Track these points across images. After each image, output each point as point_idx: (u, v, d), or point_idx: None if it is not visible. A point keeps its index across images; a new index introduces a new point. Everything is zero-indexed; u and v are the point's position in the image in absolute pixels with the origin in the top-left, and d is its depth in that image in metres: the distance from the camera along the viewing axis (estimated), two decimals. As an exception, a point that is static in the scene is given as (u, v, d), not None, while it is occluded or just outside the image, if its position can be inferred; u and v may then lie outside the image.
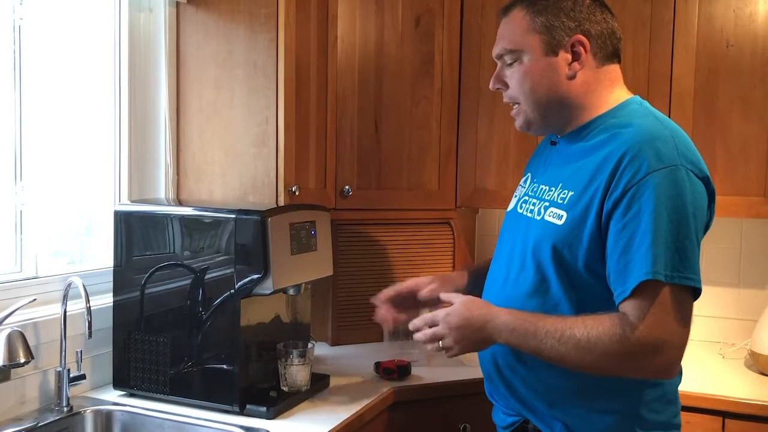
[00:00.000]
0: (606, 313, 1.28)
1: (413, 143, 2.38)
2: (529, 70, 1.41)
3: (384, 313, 1.67)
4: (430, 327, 1.45)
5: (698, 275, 1.26)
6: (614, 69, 1.43)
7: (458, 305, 1.43)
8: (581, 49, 1.38)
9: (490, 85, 1.50)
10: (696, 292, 1.27)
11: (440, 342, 1.44)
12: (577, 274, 1.34)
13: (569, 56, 1.39)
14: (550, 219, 1.38)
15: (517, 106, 1.47)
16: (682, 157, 1.27)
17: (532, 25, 1.40)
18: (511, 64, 1.44)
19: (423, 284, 1.68)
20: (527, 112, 1.45)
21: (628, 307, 1.25)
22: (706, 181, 1.31)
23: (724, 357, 2.28)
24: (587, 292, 1.34)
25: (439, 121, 2.41)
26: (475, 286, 1.66)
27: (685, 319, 1.25)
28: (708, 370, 2.14)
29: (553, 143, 1.53)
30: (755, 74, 2.12)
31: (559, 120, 1.44)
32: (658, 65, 2.21)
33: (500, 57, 1.47)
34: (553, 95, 1.41)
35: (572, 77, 1.39)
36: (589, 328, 1.27)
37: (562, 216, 1.36)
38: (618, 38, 1.43)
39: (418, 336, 1.47)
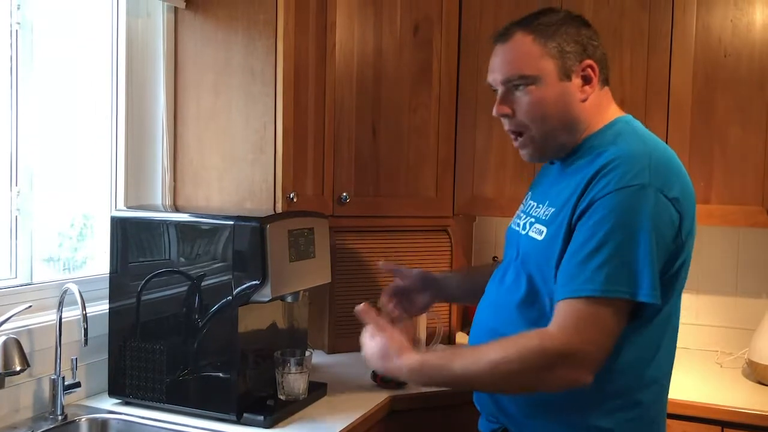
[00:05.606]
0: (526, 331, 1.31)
1: (411, 150, 2.37)
2: (545, 96, 1.39)
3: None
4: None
5: (636, 288, 1.23)
6: (607, 90, 1.46)
7: (385, 336, 1.40)
8: (590, 72, 1.40)
9: (495, 112, 1.44)
10: (639, 305, 1.26)
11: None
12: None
13: (580, 81, 1.40)
14: (533, 234, 1.41)
15: (521, 138, 1.44)
16: (654, 177, 1.27)
17: (545, 51, 1.38)
18: (516, 89, 1.40)
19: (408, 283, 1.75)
20: (537, 140, 1.42)
21: (554, 314, 1.28)
22: (675, 202, 1.29)
23: (721, 366, 2.28)
24: None
25: (437, 128, 2.41)
26: (462, 292, 1.81)
27: (606, 331, 1.24)
28: (706, 380, 2.14)
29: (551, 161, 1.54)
30: (753, 84, 2.12)
31: (566, 143, 1.43)
32: (656, 75, 2.21)
33: (508, 83, 1.42)
34: (566, 119, 1.40)
35: (584, 100, 1.40)
36: (506, 346, 1.28)
37: (542, 231, 1.38)
38: (607, 61, 1.46)
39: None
